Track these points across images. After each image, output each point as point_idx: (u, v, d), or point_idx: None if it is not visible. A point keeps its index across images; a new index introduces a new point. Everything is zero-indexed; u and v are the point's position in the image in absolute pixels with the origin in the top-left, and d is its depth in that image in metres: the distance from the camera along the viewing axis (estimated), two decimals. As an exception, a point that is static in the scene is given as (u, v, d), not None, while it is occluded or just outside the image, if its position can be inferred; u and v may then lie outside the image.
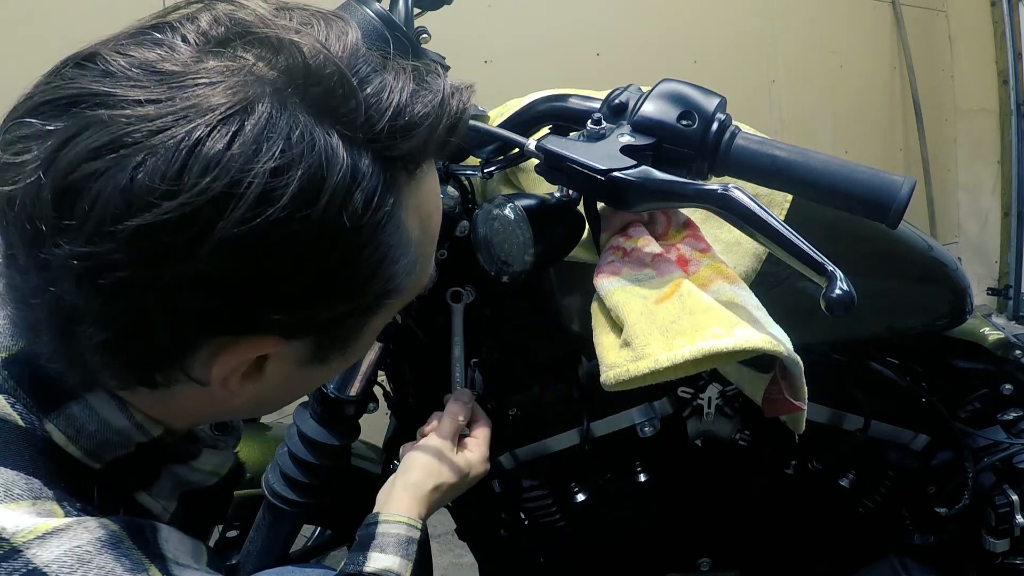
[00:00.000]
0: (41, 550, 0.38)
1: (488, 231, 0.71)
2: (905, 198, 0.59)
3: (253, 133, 0.36)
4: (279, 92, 0.38)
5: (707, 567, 1.03)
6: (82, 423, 0.44)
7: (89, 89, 0.36)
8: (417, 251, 0.45)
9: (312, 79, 0.39)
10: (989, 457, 1.02)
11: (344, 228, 0.39)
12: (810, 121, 2.95)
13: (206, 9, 0.40)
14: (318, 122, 0.38)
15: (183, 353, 0.41)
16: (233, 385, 0.44)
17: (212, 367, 0.42)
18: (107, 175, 0.35)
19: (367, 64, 0.41)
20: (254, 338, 0.41)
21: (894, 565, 1.07)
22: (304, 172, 0.37)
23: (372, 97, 0.40)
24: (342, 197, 0.38)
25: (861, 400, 0.97)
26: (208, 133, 0.35)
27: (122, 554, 0.40)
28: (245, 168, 0.36)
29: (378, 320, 0.47)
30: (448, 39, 0.94)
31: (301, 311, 0.41)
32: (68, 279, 0.37)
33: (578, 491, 0.96)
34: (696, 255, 0.69)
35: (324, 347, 0.46)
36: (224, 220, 0.36)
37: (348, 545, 1.17)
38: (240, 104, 0.36)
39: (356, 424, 0.88)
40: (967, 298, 0.98)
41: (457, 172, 0.81)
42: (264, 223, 0.36)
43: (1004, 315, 3.35)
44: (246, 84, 0.37)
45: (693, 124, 0.64)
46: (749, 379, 0.71)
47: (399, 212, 0.42)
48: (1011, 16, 3.31)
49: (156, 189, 0.35)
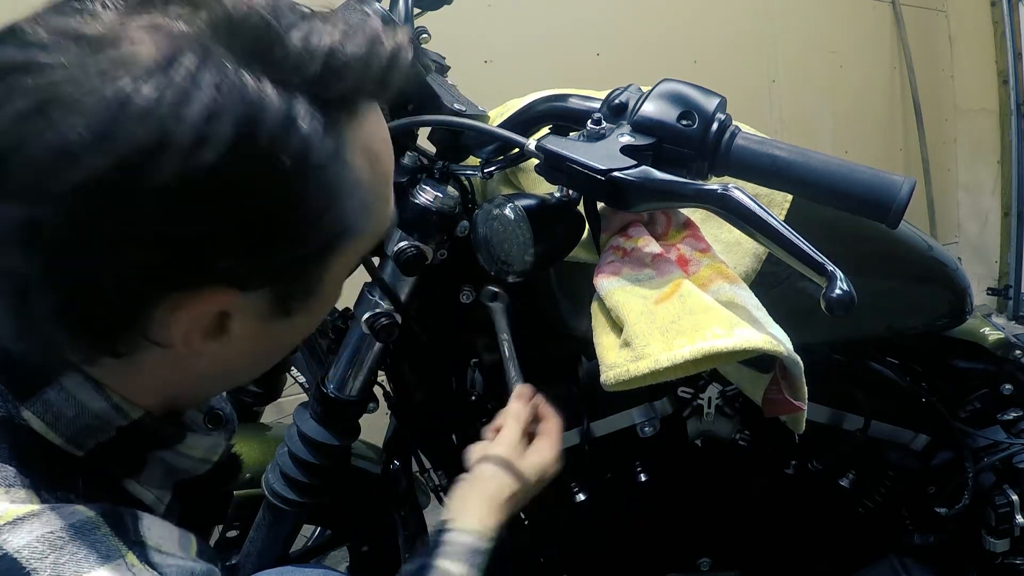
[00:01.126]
0: (12, 536, 0.38)
1: (488, 231, 0.71)
2: (905, 198, 0.59)
3: (181, 84, 0.36)
4: (204, 45, 0.38)
5: (707, 567, 1.03)
6: (59, 408, 0.44)
7: (11, 60, 0.36)
8: (369, 191, 0.45)
9: (236, 29, 0.39)
10: (989, 457, 1.02)
11: (284, 169, 0.39)
12: (810, 121, 2.95)
13: None
14: (247, 70, 0.38)
15: (138, 314, 0.40)
16: (196, 343, 0.43)
17: (171, 326, 0.41)
18: (37, 135, 0.35)
19: (293, 12, 0.42)
20: (208, 290, 0.41)
21: (894, 565, 1.07)
22: (236, 118, 0.37)
23: (301, 41, 0.40)
24: (280, 140, 0.38)
25: (861, 400, 0.97)
26: (136, 88, 0.35)
27: (97, 540, 0.40)
28: (174, 116, 0.36)
29: (337, 266, 0.47)
30: (448, 39, 0.94)
31: (250, 257, 0.41)
32: (12, 246, 0.37)
33: (578, 491, 0.96)
34: (696, 255, 0.69)
35: (284, 297, 0.45)
36: (158, 170, 0.36)
37: (348, 545, 1.17)
38: (166, 58, 0.36)
39: (356, 424, 0.88)
40: (967, 298, 0.98)
41: (457, 172, 0.81)
42: (200, 170, 0.36)
43: (1004, 315, 3.34)
44: (170, 38, 0.37)
45: (693, 124, 0.64)
46: (749, 379, 0.71)
47: (342, 152, 0.42)
48: (1011, 16, 3.30)
49: (87, 146, 0.35)
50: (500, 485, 0.69)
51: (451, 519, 0.67)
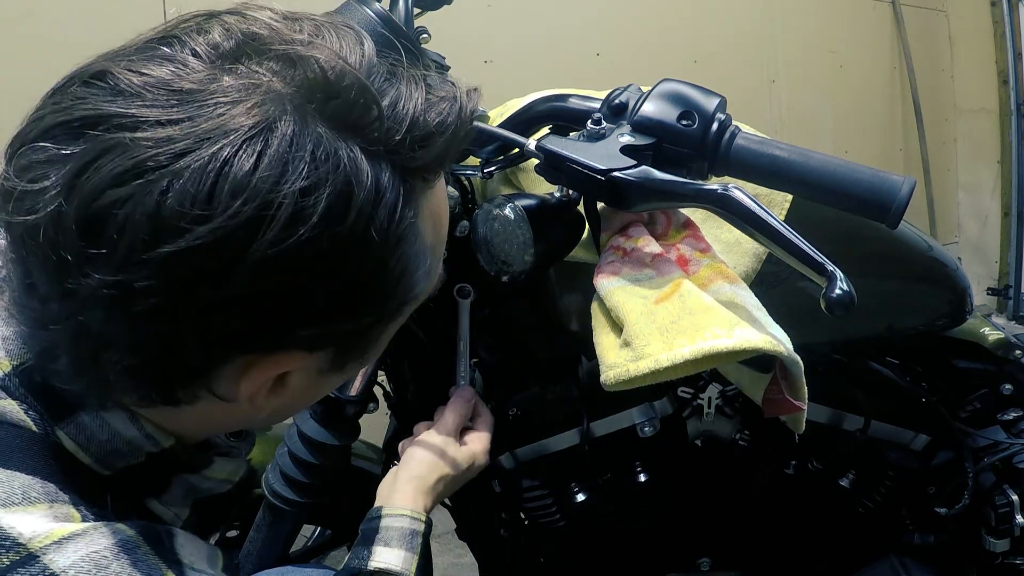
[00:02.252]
0: (58, 555, 0.38)
1: (488, 231, 0.71)
2: (905, 198, 0.59)
3: (279, 152, 0.36)
4: (299, 108, 0.37)
5: (707, 567, 1.03)
6: (92, 432, 0.44)
7: (103, 110, 0.35)
8: (432, 256, 0.45)
9: (331, 92, 0.38)
10: (989, 457, 1.02)
11: (372, 242, 0.39)
12: (810, 121, 2.95)
13: (214, 21, 0.40)
14: (340, 136, 0.38)
15: (210, 372, 0.40)
16: (260, 401, 0.44)
17: (240, 384, 0.41)
18: (133, 201, 0.34)
19: (381, 75, 0.41)
20: (282, 354, 0.41)
21: (894, 565, 1.06)
22: (332, 190, 0.37)
23: (389, 108, 0.40)
24: (369, 212, 0.38)
25: (861, 400, 0.97)
26: (234, 154, 0.35)
27: (139, 559, 0.40)
28: (274, 189, 0.35)
29: (395, 326, 0.48)
30: (448, 39, 0.94)
31: (328, 326, 0.41)
32: (96, 307, 0.36)
33: (578, 491, 0.96)
34: (696, 255, 0.69)
35: (344, 356, 0.46)
36: (256, 242, 0.35)
37: (348, 545, 1.17)
38: (263, 123, 0.36)
39: (356, 424, 0.88)
40: (967, 298, 0.98)
41: (457, 172, 0.81)
42: (295, 243, 0.36)
43: (1004, 315, 3.35)
44: (266, 101, 0.36)
45: (693, 124, 0.64)
46: (749, 379, 0.71)
47: (418, 221, 0.42)
48: (1011, 16, 3.31)
49: (186, 214, 0.34)
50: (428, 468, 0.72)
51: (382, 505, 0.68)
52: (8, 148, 0.38)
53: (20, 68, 1.47)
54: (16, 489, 0.39)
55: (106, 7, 1.57)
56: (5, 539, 0.38)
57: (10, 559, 0.37)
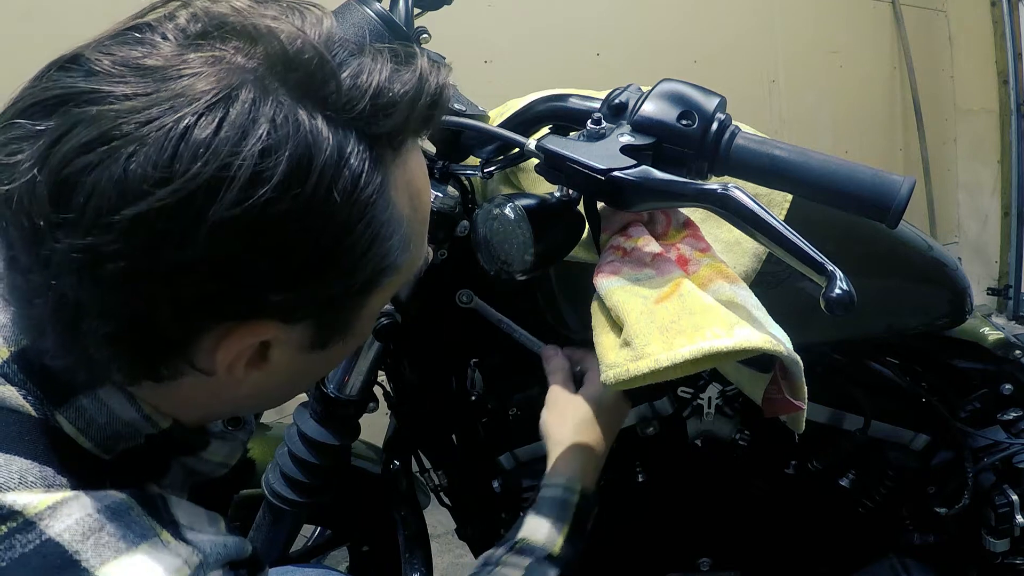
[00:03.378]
0: (53, 520, 0.39)
1: (488, 231, 0.71)
2: (905, 198, 0.59)
3: (239, 118, 0.37)
4: (260, 79, 0.39)
5: (707, 567, 1.03)
6: (91, 415, 0.45)
7: (76, 87, 0.37)
8: (409, 228, 0.46)
9: (291, 64, 0.40)
10: (989, 457, 1.02)
11: (335, 205, 0.40)
12: (810, 121, 2.95)
13: (183, 6, 0.41)
14: (301, 105, 0.39)
15: (187, 342, 0.42)
16: (239, 372, 0.44)
17: (216, 355, 0.42)
18: (101, 167, 0.36)
19: (343, 48, 0.43)
20: (255, 322, 0.42)
21: (894, 565, 1.07)
22: (292, 152, 0.38)
23: (351, 78, 0.41)
24: (331, 175, 0.39)
25: (861, 400, 0.97)
26: (196, 120, 0.36)
27: (132, 520, 0.41)
28: (234, 151, 0.37)
29: (375, 301, 0.48)
30: (448, 39, 0.94)
31: (299, 291, 0.42)
32: (69, 273, 0.37)
33: (578, 491, 0.96)
34: (696, 255, 0.69)
35: (324, 330, 0.46)
36: (217, 204, 0.37)
37: (348, 545, 1.17)
38: (224, 91, 0.37)
39: (356, 424, 0.88)
40: (967, 298, 0.98)
41: (457, 172, 0.81)
42: (256, 204, 0.37)
43: (1004, 315, 3.35)
44: (228, 72, 0.38)
45: (693, 124, 0.64)
46: (749, 379, 0.71)
47: (387, 189, 0.43)
48: (1011, 16, 3.31)
49: (149, 177, 0.36)
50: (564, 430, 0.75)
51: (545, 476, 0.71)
52: None
53: (20, 68, 1.47)
54: (13, 473, 0.40)
55: (106, 7, 1.57)
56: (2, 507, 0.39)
57: (7, 527, 0.39)
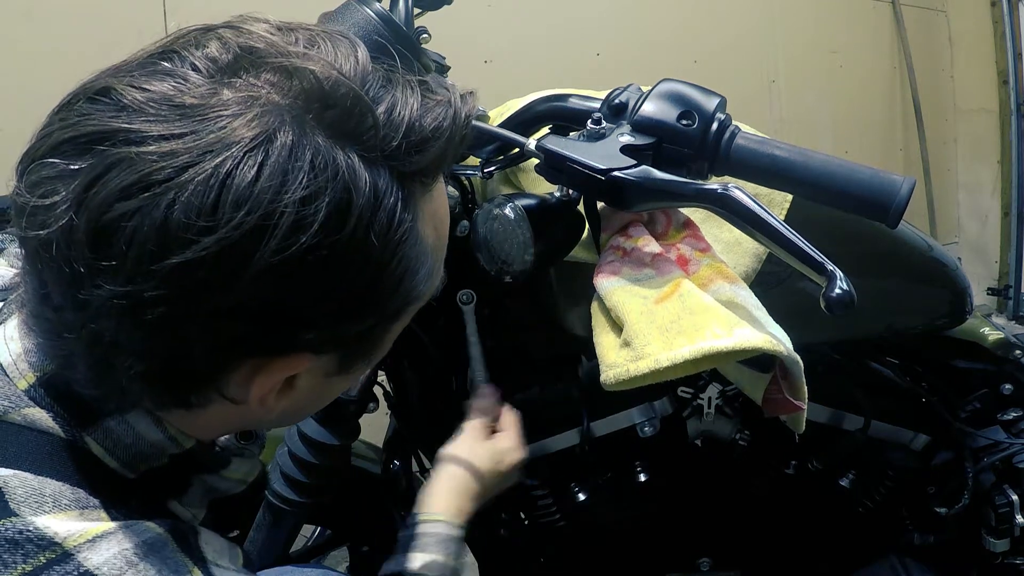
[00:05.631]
0: (92, 553, 0.39)
1: (488, 231, 0.71)
2: (905, 198, 0.59)
3: (279, 163, 0.37)
4: (297, 119, 0.38)
5: (707, 567, 1.03)
6: (118, 436, 0.45)
7: (109, 126, 0.37)
8: (433, 257, 0.46)
9: (328, 102, 0.39)
10: (989, 457, 1.02)
11: (372, 247, 0.40)
12: (810, 121, 2.95)
13: (210, 35, 0.41)
14: (338, 144, 0.39)
15: (219, 376, 0.42)
16: (270, 403, 0.45)
17: (250, 388, 0.43)
18: (141, 213, 0.35)
19: (376, 80, 0.42)
20: (289, 357, 0.42)
21: (894, 565, 1.07)
22: (331, 198, 0.38)
23: (385, 115, 0.41)
24: (368, 218, 0.39)
25: (861, 400, 0.97)
26: (236, 166, 0.36)
27: (167, 556, 0.41)
28: (276, 199, 0.36)
29: (398, 327, 0.49)
30: (448, 39, 0.94)
31: (333, 329, 0.42)
32: (108, 317, 0.37)
33: (578, 491, 0.96)
34: (696, 255, 0.69)
35: (350, 358, 0.47)
36: (260, 251, 0.36)
37: (348, 545, 1.17)
38: (263, 134, 0.37)
39: (356, 424, 0.88)
40: (967, 298, 0.98)
41: (457, 172, 0.81)
42: (297, 251, 0.37)
43: (1004, 315, 3.34)
44: (265, 113, 0.38)
45: (693, 124, 0.64)
46: (749, 379, 0.71)
47: (417, 223, 0.43)
48: (1011, 16, 3.30)
49: (192, 225, 0.35)
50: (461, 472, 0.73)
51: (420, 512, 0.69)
52: (19, 164, 0.39)
53: (20, 68, 1.47)
54: (47, 496, 0.41)
55: (106, 8, 1.57)
56: (42, 539, 0.39)
57: (47, 557, 0.39)
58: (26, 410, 0.43)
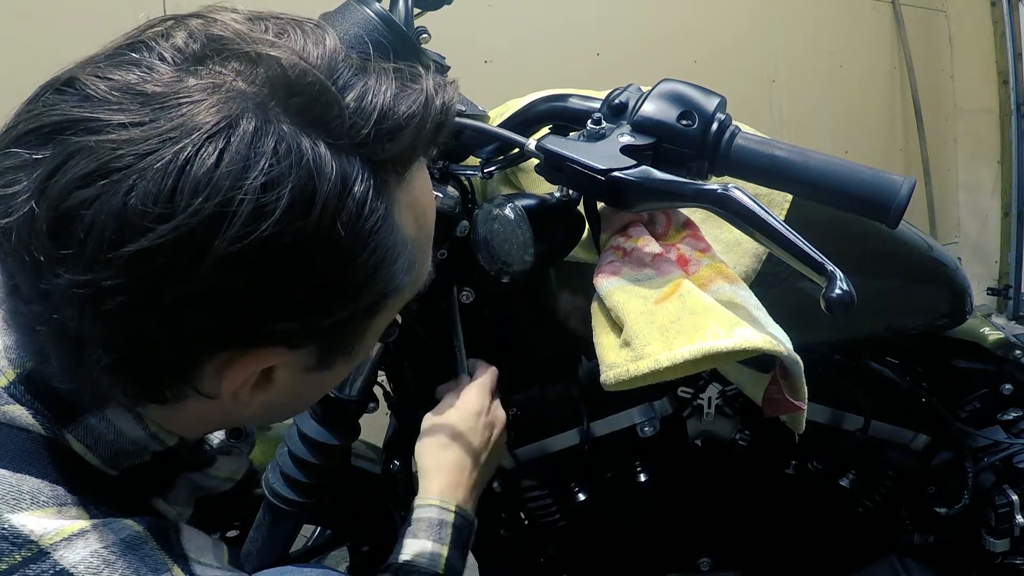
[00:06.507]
0: (68, 552, 0.39)
1: (488, 231, 0.71)
2: (905, 198, 0.59)
3: (240, 149, 0.36)
4: (261, 106, 0.38)
5: (707, 567, 1.03)
6: (99, 433, 0.45)
7: (71, 115, 0.36)
8: (414, 249, 0.45)
9: (293, 90, 0.39)
10: (989, 457, 1.02)
11: (339, 235, 0.39)
12: (810, 121, 2.95)
13: (179, 26, 0.40)
14: (303, 132, 0.38)
15: (190, 370, 0.41)
16: (244, 396, 0.44)
17: (221, 381, 0.42)
18: (99, 201, 0.35)
19: (347, 69, 0.41)
20: (260, 350, 0.41)
21: (894, 565, 1.07)
22: (295, 185, 0.37)
23: (355, 102, 0.40)
24: (334, 205, 0.38)
25: (861, 400, 0.97)
26: (195, 152, 0.35)
27: (146, 554, 0.41)
28: (235, 186, 0.36)
29: (380, 321, 0.48)
30: (448, 39, 0.94)
31: (303, 320, 0.41)
32: (70, 306, 0.37)
33: (578, 491, 0.96)
34: (696, 255, 0.69)
35: (329, 352, 0.46)
36: (219, 239, 0.36)
37: (348, 545, 1.17)
38: (224, 121, 0.36)
39: (356, 424, 0.87)
40: (967, 298, 0.98)
41: (457, 172, 0.81)
42: (259, 238, 0.36)
43: (1004, 315, 3.34)
44: (228, 100, 0.37)
45: (693, 124, 0.64)
46: (749, 379, 0.71)
47: (392, 213, 0.42)
48: (1011, 16, 3.30)
49: (149, 213, 0.35)
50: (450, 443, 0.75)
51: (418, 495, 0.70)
52: None
53: (19, 68, 1.47)
54: (25, 493, 0.40)
55: (106, 7, 1.57)
56: (17, 537, 0.39)
57: (22, 555, 0.38)
58: (5, 407, 0.43)
